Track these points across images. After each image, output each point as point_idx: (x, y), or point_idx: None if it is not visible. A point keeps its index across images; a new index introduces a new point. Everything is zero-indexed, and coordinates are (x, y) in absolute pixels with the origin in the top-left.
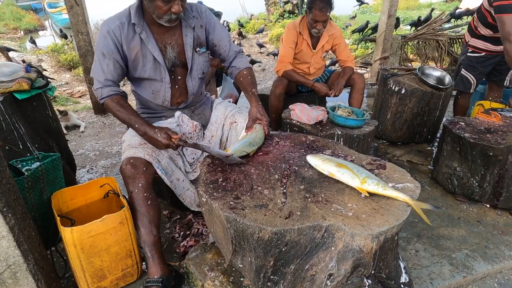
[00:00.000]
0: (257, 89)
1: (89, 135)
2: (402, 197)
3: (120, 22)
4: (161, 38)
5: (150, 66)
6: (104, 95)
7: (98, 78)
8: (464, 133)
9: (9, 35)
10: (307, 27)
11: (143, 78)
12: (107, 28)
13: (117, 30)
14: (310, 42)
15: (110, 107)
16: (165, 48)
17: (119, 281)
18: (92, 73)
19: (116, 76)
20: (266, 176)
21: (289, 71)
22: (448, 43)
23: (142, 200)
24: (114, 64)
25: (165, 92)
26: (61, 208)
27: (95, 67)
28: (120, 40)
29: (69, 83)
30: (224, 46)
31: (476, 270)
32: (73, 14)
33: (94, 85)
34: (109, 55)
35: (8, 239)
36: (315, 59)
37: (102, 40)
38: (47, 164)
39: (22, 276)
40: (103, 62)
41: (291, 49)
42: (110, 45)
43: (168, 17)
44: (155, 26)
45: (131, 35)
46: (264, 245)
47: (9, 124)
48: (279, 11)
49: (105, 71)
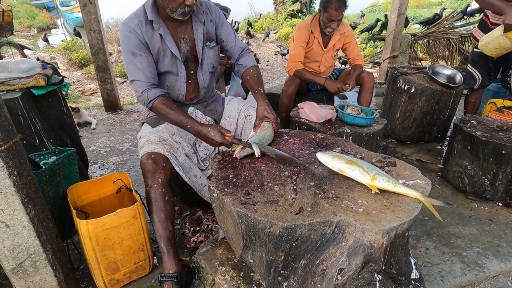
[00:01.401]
0: (264, 88)
1: (100, 132)
2: (413, 194)
3: (138, 21)
4: (176, 33)
5: (168, 61)
6: (151, 98)
7: (138, 78)
8: (476, 131)
9: (23, 33)
10: (318, 26)
11: (159, 73)
12: (128, 27)
13: (138, 28)
14: (322, 41)
15: (159, 109)
16: (180, 43)
17: (132, 274)
18: (130, 76)
19: (153, 71)
20: (276, 173)
21: (301, 70)
22: (459, 41)
23: (160, 195)
24: (147, 58)
25: (180, 86)
26: (76, 202)
27: (131, 70)
28: (142, 36)
29: (80, 80)
30: (231, 41)
31: (488, 268)
32: (86, 13)
33: (137, 90)
34: (139, 51)
35: (29, 229)
36: (326, 57)
37: (126, 40)
38: (63, 158)
39: (42, 265)
40: (135, 60)
41: (302, 48)
42: (137, 42)
43: (182, 9)
44: (169, 21)
45: (150, 32)
46: (275, 240)
47: (27, 119)
48: (287, 10)
49: (142, 68)
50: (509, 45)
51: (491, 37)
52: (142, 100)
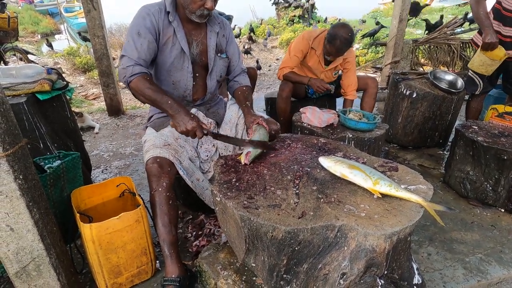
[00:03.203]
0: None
1: (103, 136)
2: (415, 199)
3: (159, 7)
4: (189, 33)
5: (176, 54)
6: (135, 72)
7: (130, 55)
8: (478, 136)
9: (27, 38)
10: (322, 46)
11: (165, 65)
12: (147, 10)
13: (157, 13)
14: (323, 60)
15: (139, 84)
16: (192, 43)
17: (134, 278)
18: (123, 51)
19: (149, 56)
20: (278, 177)
21: (288, 73)
22: (460, 47)
23: (164, 199)
24: (148, 44)
25: (187, 82)
26: (79, 206)
27: (128, 46)
28: (158, 22)
29: (84, 85)
30: (235, 60)
31: (491, 275)
32: (90, 18)
33: (124, 63)
34: (145, 34)
35: (33, 232)
36: (326, 74)
37: (140, 20)
38: (67, 162)
39: (45, 269)
40: (137, 41)
41: (297, 58)
42: (148, 25)
43: (201, 12)
44: (185, 21)
45: (167, 22)
46: (278, 244)
47: (32, 124)
48: (289, 16)
49: (139, 49)
50: (489, 62)
51: (475, 55)
52: (123, 73)
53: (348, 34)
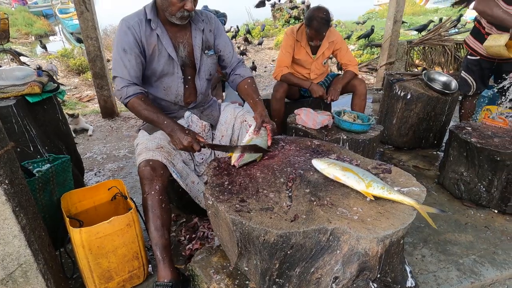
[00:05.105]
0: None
1: (97, 139)
2: (408, 201)
3: (138, 19)
4: (174, 36)
5: (164, 61)
6: (130, 93)
7: (122, 75)
8: (471, 138)
9: (21, 40)
10: (305, 36)
11: (155, 73)
12: (127, 24)
13: (137, 26)
14: (310, 50)
15: (136, 105)
16: (178, 46)
17: (126, 283)
18: (114, 72)
19: (139, 72)
20: (271, 180)
21: (286, 75)
22: (454, 48)
23: (157, 202)
24: (135, 59)
25: (178, 87)
26: (70, 210)
27: (117, 65)
28: (139, 35)
29: (78, 87)
30: (228, 52)
31: (484, 276)
32: (83, 20)
33: (117, 85)
34: (130, 50)
35: (20, 238)
36: (316, 65)
37: (123, 37)
38: (57, 166)
39: (33, 275)
40: (124, 58)
41: (289, 54)
42: (131, 40)
43: (181, 14)
44: (168, 25)
45: (148, 31)
46: (270, 248)
47: (21, 127)
48: (285, 17)
49: (128, 67)
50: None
51: (495, 43)
52: (119, 95)
53: (323, 13)
